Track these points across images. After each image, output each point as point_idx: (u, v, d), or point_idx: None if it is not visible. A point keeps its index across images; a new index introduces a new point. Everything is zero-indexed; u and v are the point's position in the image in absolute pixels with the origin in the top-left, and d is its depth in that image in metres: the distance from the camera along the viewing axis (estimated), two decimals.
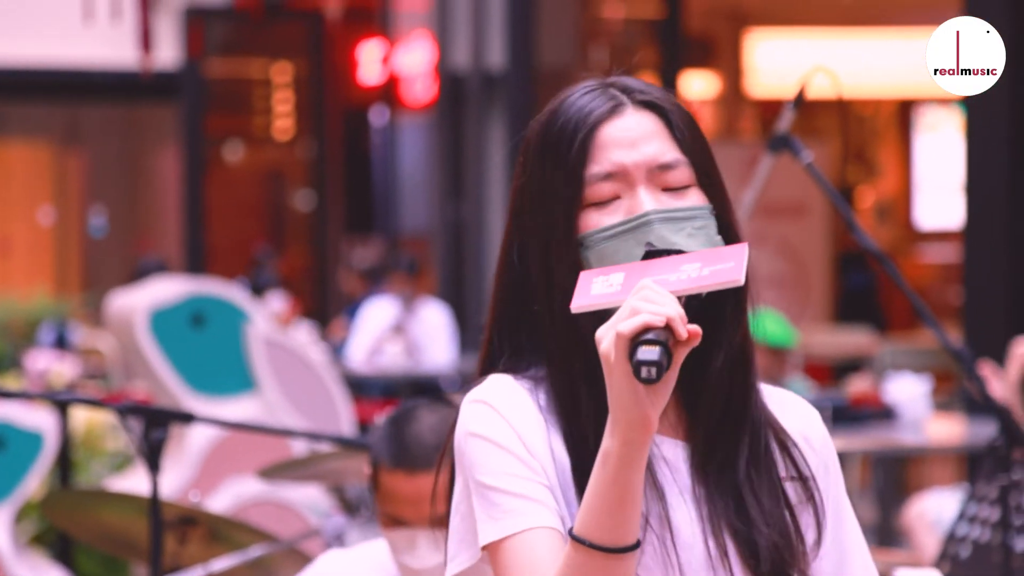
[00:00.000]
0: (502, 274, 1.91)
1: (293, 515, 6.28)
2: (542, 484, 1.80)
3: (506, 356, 1.89)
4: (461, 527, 1.85)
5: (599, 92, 1.88)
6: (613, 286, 1.75)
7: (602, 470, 1.71)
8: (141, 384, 7.38)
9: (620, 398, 1.69)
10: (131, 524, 3.52)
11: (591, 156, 1.84)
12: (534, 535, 1.77)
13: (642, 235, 1.81)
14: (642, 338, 1.67)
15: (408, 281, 10.33)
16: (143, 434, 3.26)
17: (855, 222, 3.85)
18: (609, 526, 1.71)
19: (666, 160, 1.85)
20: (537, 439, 1.82)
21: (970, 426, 6.74)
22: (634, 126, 1.85)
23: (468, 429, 1.83)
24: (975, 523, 4.24)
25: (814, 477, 1.90)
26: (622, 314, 1.69)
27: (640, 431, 1.69)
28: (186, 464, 6.32)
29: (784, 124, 3.98)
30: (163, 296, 6.49)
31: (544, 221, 1.85)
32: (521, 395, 1.84)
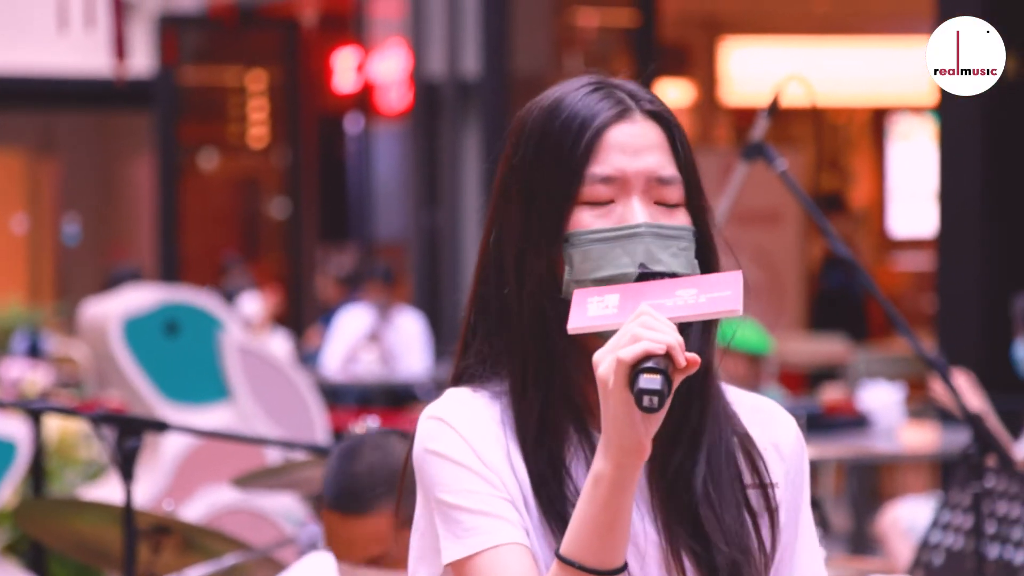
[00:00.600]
0: (483, 257, 1.90)
1: (267, 524, 6.26)
2: (503, 499, 1.79)
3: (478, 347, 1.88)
4: (420, 544, 1.84)
5: (605, 92, 1.87)
6: (609, 308, 1.75)
7: (593, 493, 1.71)
8: (115, 392, 7.36)
9: (616, 423, 1.69)
10: (105, 533, 3.51)
11: (594, 156, 1.83)
12: (502, 552, 1.77)
13: (631, 245, 1.80)
14: (643, 366, 1.67)
15: (384, 289, 10.32)
16: (117, 443, 3.25)
17: (830, 229, 3.85)
18: (599, 548, 1.71)
19: (665, 175, 1.85)
20: (494, 453, 1.81)
21: (943, 434, 6.75)
22: (640, 134, 1.85)
23: (425, 446, 1.82)
24: (949, 530, 4.24)
25: (774, 485, 1.89)
26: (621, 339, 1.69)
27: (634, 456, 1.70)
28: (160, 473, 6.30)
29: (758, 132, 3.98)
30: (137, 304, 6.47)
31: (532, 209, 1.84)
32: (477, 409, 1.84)
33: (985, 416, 4.55)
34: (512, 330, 1.85)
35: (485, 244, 1.90)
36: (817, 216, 3.89)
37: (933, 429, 7.07)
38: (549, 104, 1.88)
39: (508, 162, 1.89)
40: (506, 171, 1.89)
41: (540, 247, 1.83)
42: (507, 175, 1.88)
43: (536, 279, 1.83)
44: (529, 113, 1.90)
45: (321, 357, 10.55)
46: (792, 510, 1.91)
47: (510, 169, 1.88)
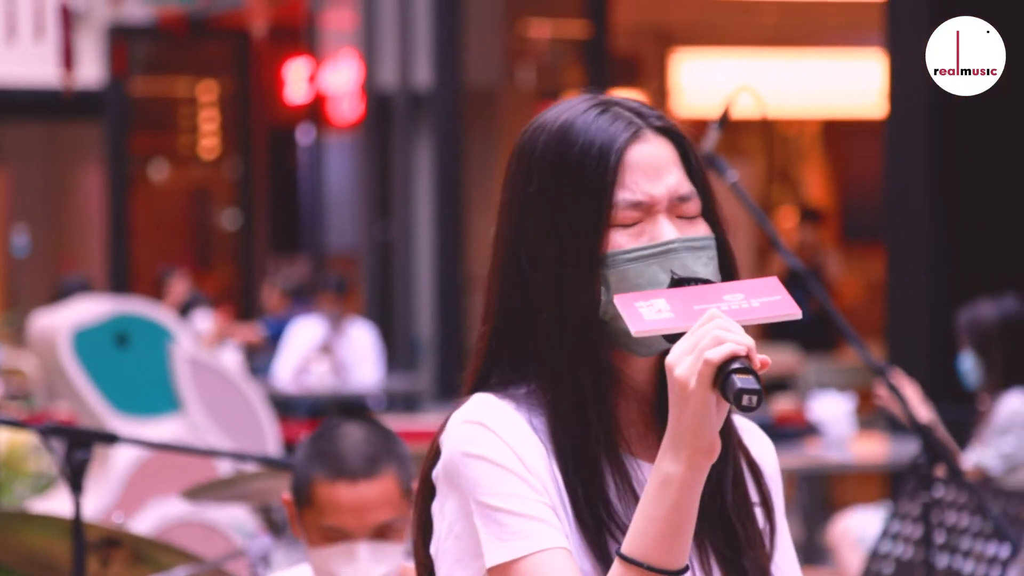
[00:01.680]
0: (502, 282, 1.90)
1: (218, 536, 6.24)
2: (544, 503, 1.81)
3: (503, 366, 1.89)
4: (456, 547, 1.84)
5: (612, 113, 1.89)
6: (663, 312, 1.78)
7: (662, 493, 1.74)
8: (64, 405, 7.32)
9: (695, 424, 1.72)
10: (54, 546, 3.49)
11: (621, 181, 1.86)
12: (547, 556, 1.78)
13: (666, 261, 1.84)
14: (731, 367, 1.71)
15: (336, 300, 10.31)
16: (66, 455, 3.23)
17: (779, 240, 3.87)
18: (668, 549, 1.74)
19: (684, 192, 1.88)
20: (535, 458, 1.83)
21: (893, 444, 6.79)
22: (656, 152, 1.88)
23: (464, 450, 1.83)
24: (898, 540, 4.27)
25: (772, 503, 1.95)
26: (703, 341, 1.72)
27: (707, 456, 1.73)
28: (110, 485, 6.27)
29: (709, 143, 4.00)
30: (86, 315, 6.44)
31: (563, 236, 1.86)
32: (511, 414, 1.85)
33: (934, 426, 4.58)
34: (553, 355, 1.86)
35: (506, 274, 1.90)
36: (767, 227, 3.91)
37: (883, 439, 7.11)
38: (558, 128, 1.89)
39: (521, 189, 1.90)
40: (521, 199, 1.90)
41: (578, 272, 1.85)
42: (523, 203, 1.89)
43: (580, 305, 1.85)
44: (536, 138, 1.90)
45: (273, 368, 10.53)
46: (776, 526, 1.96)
47: (525, 196, 1.89)
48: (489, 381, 1.90)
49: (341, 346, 10.29)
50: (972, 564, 4.08)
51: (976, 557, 4.08)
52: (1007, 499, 4.34)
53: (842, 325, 3.79)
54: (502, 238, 1.91)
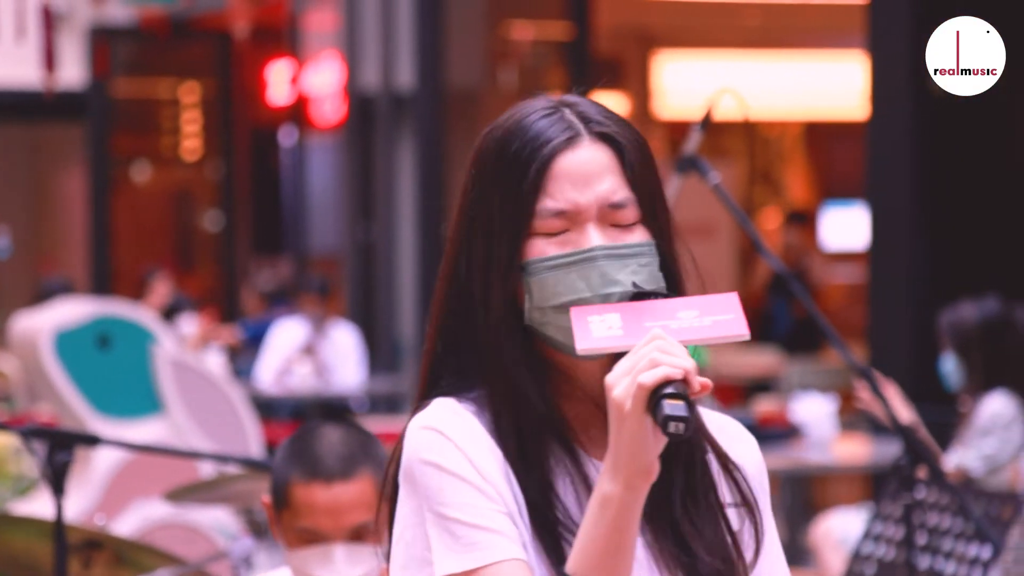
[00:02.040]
0: (447, 286, 1.90)
1: (201, 538, 6.23)
2: (500, 512, 1.80)
3: (450, 372, 1.89)
4: (405, 553, 1.83)
5: (557, 117, 1.87)
6: (613, 328, 1.76)
7: (601, 514, 1.73)
8: (46, 406, 7.30)
9: (631, 446, 1.71)
10: (35, 548, 3.48)
11: (544, 189, 1.84)
12: (503, 568, 1.77)
13: (585, 269, 1.82)
14: (664, 391, 1.69)
15: (319, 302, 10.30)
16: (47, 457, 3.22)
17: (761, 242, 3.88)
18: (610, 567, 1.73)
19: (617, 199, 1.85)
20: (490, 464, 1.82)
21: (875, 445, 6.80)
22: (589, 160, 1.85)
23: (420, 457, 1.81)
24: (880, 542, 4.28)
25: (756, 502, 1.93)
26: (639, 363, 1.71)
27: (644, 478, 1.72)
28: (91, 487, 6.26)
29: (691, 145, 4.00)
30: (68, 317, 6.43)
31: (489, 242, 1.85)
32: (470, 420, 1.84)
33: (916, 428, 4.59)
34: (489, 360, 1.86)
35: (448, 274, 1.90)
36: (749, 229, 3.91)
37: (865, 441, 7.12)
38: (503, 132, 1.88)
39: (466, 193, 1.90)
40: (464, 202, 1.89)
41: (500, 280, 1.84)
42: (467, 205, 1.89)
43: (500, 312, 1.84)
44: (488, 139, 1.90)
45: (255, 370, 10.51)
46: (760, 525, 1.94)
47: (469, 203, 1.89)
48: (437, 385, 1.89)
49: (323, 348, 10.28)
50: (954, 565, 4.09)
51: (958, 558, 4.09)
52: (989, 500, 4.35)
53: (824, 327, 3.80)
54: (449, 242, 1.91)
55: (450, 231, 1.91)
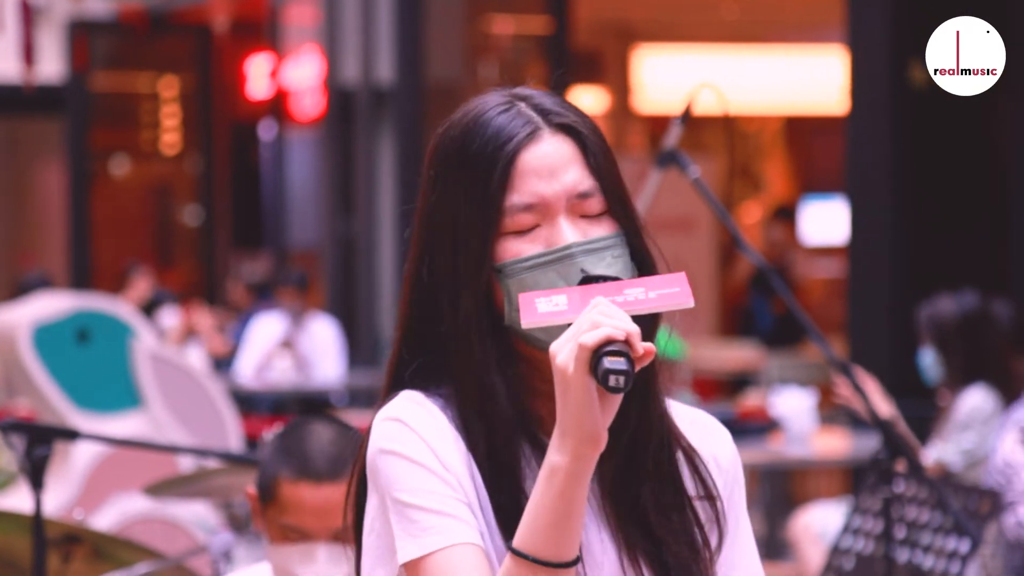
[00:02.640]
0: (411, 289, 1.89)
1: (180, 532, 6.22)
2: (459, 500, 1.80)
3: (414, 371, 1.88)
4: (376, 544, 1.83)
5: (514, 111, 1.86)
6: (559, 306, 1.76)
7: (548, 484, 1.72)
8: (24, 401, 7.29)
9: (576, 411, 1.70)
10: (14, 542, 3.48)
11: (511, 185, 1.83)
12: (456, 551, 1.77)
13: (563, 267, 1.81)
14: (605, 350, 1.69)
15: (297, 296, 10.29)
16: (26, 451, 3.22)
17: (741, 237, 3.88)
18: (554, 540, 1.72)
19: (583, 189, 1.84)
20: (452, 455, 1.82)
21: (854, 439, 6.82)
22: (552, 152, 1.84)
23: (381, 447, 1.82)
24: (859, 535, 4.29)
25: (720, 497, 1.92)
26: (582, 327, 1.70)
27: (591, 446, 1.70)
28: (70, 481, 6.25)
29: (671, 140, 4.01)
30: (47, 311, 6.41)
31: (457, 245, 1.84)
32: (433, 412, 1.84)
33: (895, 422, 4.60)
34: (458, 364, 1.85)
35: (412, 276, 1.89)
36: (729, 224, 3.92)
37: (844, 435, 7.14)
38: (461, 129, 1.86)
39: (428, 193, 1.88)
40: (427, 202, 1.88)
41: (473, 283, 1.83)
42: (429, 206, 1.87)
43: (473, 315, 1.83)
44: (445, 137, 1.88)
45: (235, 364, 10.50)
46: (729, 519, 1.94)
47: (431, 204, 1.87)
48: (403, 385, 1.88)
49: (303, 341, 10.27)
50: (932, 559, 4.10)
51: (936, 552, 4.10)
52: (967, 494, 4.36)
53: (804, 322, 3.80)
54: (412, 244, 1.90)
55: (413, 235, 1.89)
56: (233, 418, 6.60)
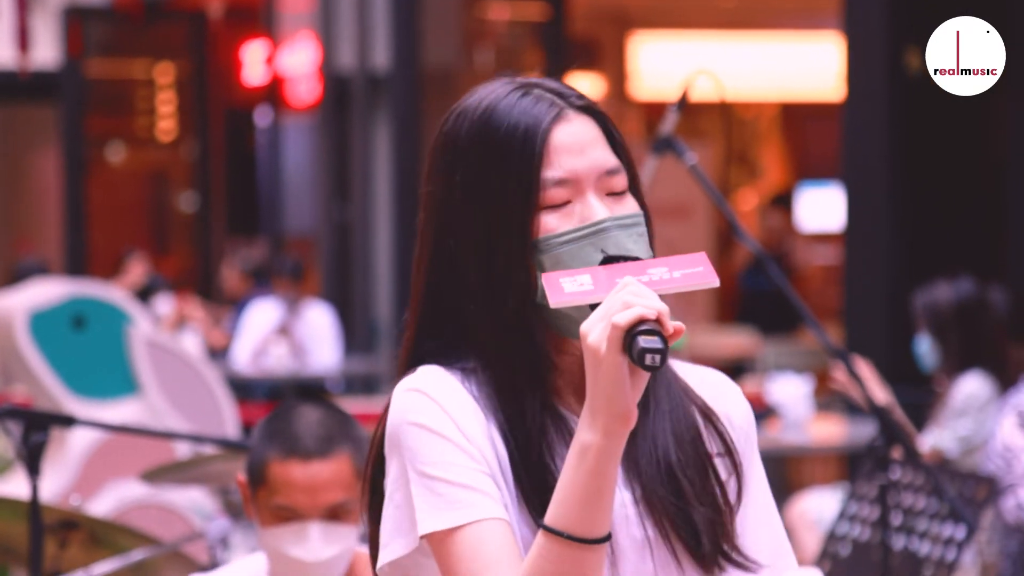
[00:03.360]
0: (429, 272, 1.91)
1: (176, 518, 6.22)
2: (484, 472, 1.81)
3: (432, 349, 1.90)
4: (396, 515, 1.84)
5: (534, 95, 1.90)
6: (584, 285, 1.79)
7: (579, 462, 1.73)
8: (20, 387, 7.28)
9: (607, 390, 1.72)
10: (10, 528, 3.48)
11: (546, 161, 1.87)
12: (485, 527, 1.79)
13: (599, 241, 1.85)
14: (638, 329, 1.71)
15: (292, 285, 10.28)
16: (22, 437, 3.22)
17: (738, 223, 3.89)
18: (586, 517, 1.74)
19: (611, 166, 1.89)
20: (475, 428, 1.84)
21: (850, 426, 6.82)
22: (580, 131, 1.89)
23: (406, 418, 1.83)
24: (855, 522, 4.29)
25: (737, 451, 1.95)
26: (613, 307, 1.73)
27: (622, 423, 1.73)
28: (67, 467, 6.25)
29: (668, 126, 4.01)
30: (43, 298, 6.41)
31: (492, 223, 1.86)
32: (454, 384, 1.86)
33: (891, 409, 4.60)
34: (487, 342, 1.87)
35: (429, 257, 1.91)
36: (725, 210, 3.92)
37: (840, 421, 7.14)
38: (481, 114, 1.89)
39: (446, 178, 1.90)
40: (446, 188, 1.90)
41: (511, 259, 1.86)
42: (449, 192, 1.89)
43: (514, 291, 1.85)
44: (459, 125, 1.91)
45: (231, 351, 10.50)
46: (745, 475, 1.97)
47: (451, 185, 1.89)
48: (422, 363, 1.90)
49: (299, 328, 10.27)
50: (928, 545, 4.10)
51: (932, 538, 4.11)
52: (963, 481, 4.37)
53: (800, 308, 3.80)
54: (429, 228, 1.92)
55: (427, 220, 1.91)
56: (229, 404, 6.60)
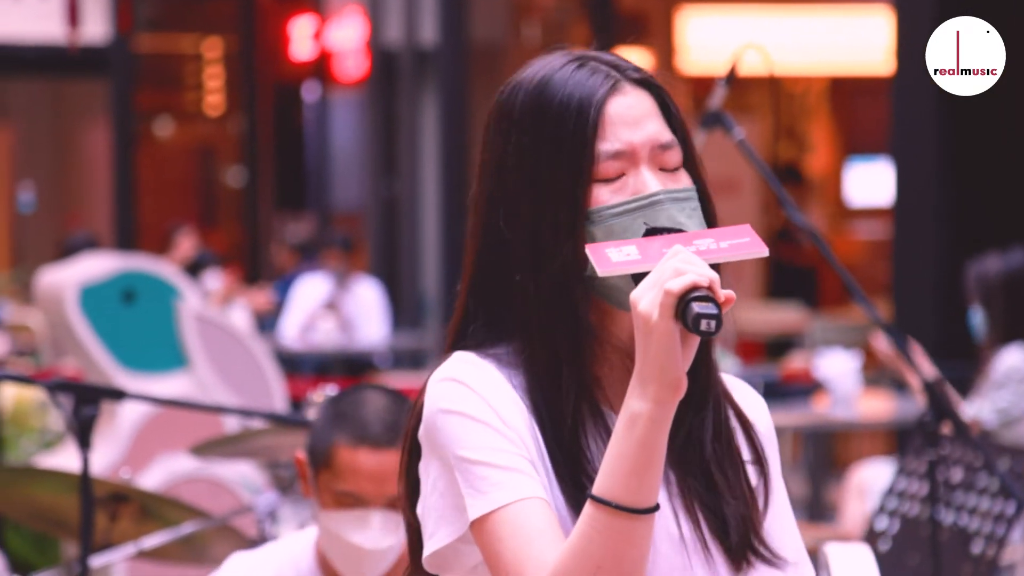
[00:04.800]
0: (481, 242, 1.90)
1: (225, 492, 6.25)
2: (522, 456, 1.81)
3: (478, 325, 1.89)
4: (439, 504, 1.84)
5: (589, 67, 1.89)
6: (632, 255, 1.78)
7: (629, 432, 1.73)
8: (71, 361, 7.33)
9: (659, 358, 1.71)
10: (61, 501, 3.50)
11: (601, 133, 1.86)
12: (524, 505, 1.78)
13: (652, 214, 1.83)
14: (692, 296, 1.70)
15: (342, 258, 10.31)
16: (73, 411, 3.24)
17: (787, 198, 3.87)
18: (636, 487, 1.73)
19: (665, 140, 1.88)
20: (512, 412, 1.83)
21: (899, 401, 6.80)
22: (635, 104, 1.88)
23: (441, 406, 1.83)
24: (904, 498, 4.28)
25: (768, 461, 1.94)
26: (664, 274, 1.72)
27: (672, 391, 1.72)
28: (117, 441, 6.29)
29: (716, 101, 3.99)
30: (93, 272, 6.44)
31: (543, 194, 1.85)
32: (488, 369, 1.85)
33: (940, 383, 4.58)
34: (529, 315, 1.86)
35: (481, 230, 1.89)
36: (775, 185, 3.90)
37: (889, 397, 7.12)
38: (536, 86, 1.88)
39: (500, 148, 1.89)
40: (498, 157, 1.89)
41: (559, 230, 1.84)
42: (501, 161, 1.88)
43: (562, 262, 1.84)
44: (514, 96, 1.89)
45: (279, 326, 10.53)
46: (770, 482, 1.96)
47: (504, 156, 1.88)
48: (465, 340, 1.89)
49: (347, 303, 10.29)
50: (978, 521, 4.09)
51: (982, 514, 4.09)
52: (1013, 456, 4.34)
53: (849, 282, 3.79)
54: (482, 198, 1.90)
55: (480, 190, 1.91)
56: (278, 379, 6.62)
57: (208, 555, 3.57)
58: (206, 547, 3.58)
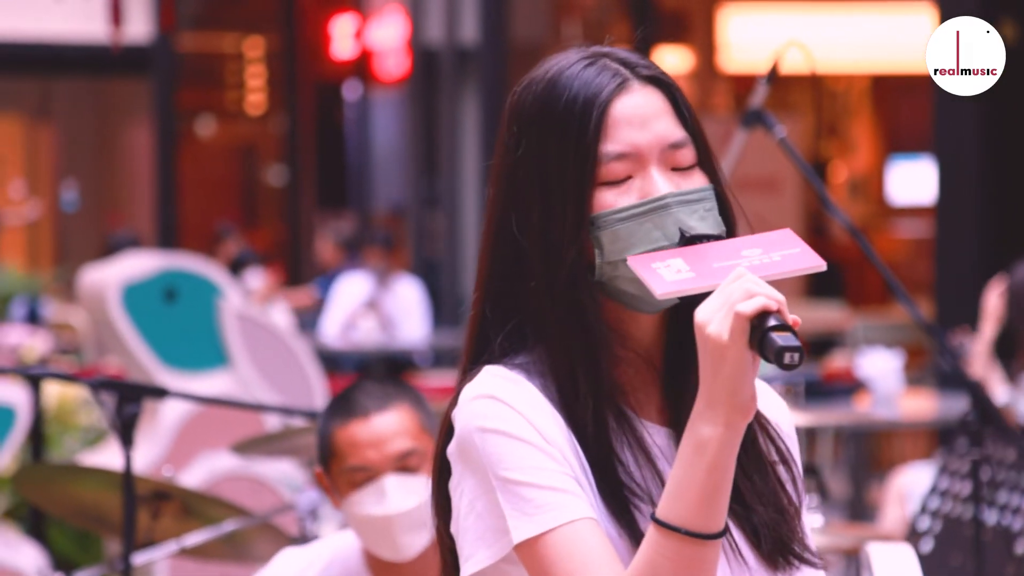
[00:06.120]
0: (494, 247, 1.86)
1: (267, 490, 6.27)
2: (567, 474, 1.76)
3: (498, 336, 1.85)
4: (478, 524, 1.78)
5: (599, 65, 1.84)
6: (682, 272, 1.73)
7: (699, 457, 1.69)
8: (113, 359, 7.37)
9: (732, 382, 1.68)
10: (104, 499, 3.52)
11: (605, 134, 1.80)
12: (577, 527, 1.74)
13: (659, 218, 1.78)
14: (768, 324, 1.67)
15: (383, 256, 10.33)
16: (116, 409, 3.25)
17: (828, 197, 3.86)
18: (705, 512, 1.70)
19: (675, 139, 1.82)
20: (551, 427, 1.78)
21: (942, 401, 6.76)
22: (643, 103, 1.82)
23: (479, 425, 1.78)
24: (947, 497, 4.26)
25: (795, 460, 1.91)
26: (733, 295, 1.68)
27: (744, 415, 1.69)
28: (159, 439, 6.31)
29: (757, 99, 3.98)
30: (136, 271, 6.47)
31: (550, 197, 1.81)
32: (524, 385, 1.80)
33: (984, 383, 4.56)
34: (543, 322, 1.82)
35: (494, 234, 1.86)
36: (816, 183, 3.89)
37: (931, 396, 7.08)
38: (545, 85, 1.84)
39: (511, 150, 1.85)
40: (510, 159, 1.85)
41: (565, 235, 1.79)
42: (512, 163, 1.84)
43: (568, 269, 1.80)
44: (525, 95, 1.86)
45: (320, 324, 10.56)
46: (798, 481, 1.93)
47: (515, 158, 1.84)
48: (486, 349, 1.85)
49: (387, 302, 10.31)
50: (1021, 521, 4.06)
51: None
52: None
53: (891, 281, 3.77)
54: (494, 202, 1.86)
55: (493, 194, 1.87)
56: (319, 377, 6.64)
57: (249, 553, 3.58)
58: (247, 545, 3.59)
